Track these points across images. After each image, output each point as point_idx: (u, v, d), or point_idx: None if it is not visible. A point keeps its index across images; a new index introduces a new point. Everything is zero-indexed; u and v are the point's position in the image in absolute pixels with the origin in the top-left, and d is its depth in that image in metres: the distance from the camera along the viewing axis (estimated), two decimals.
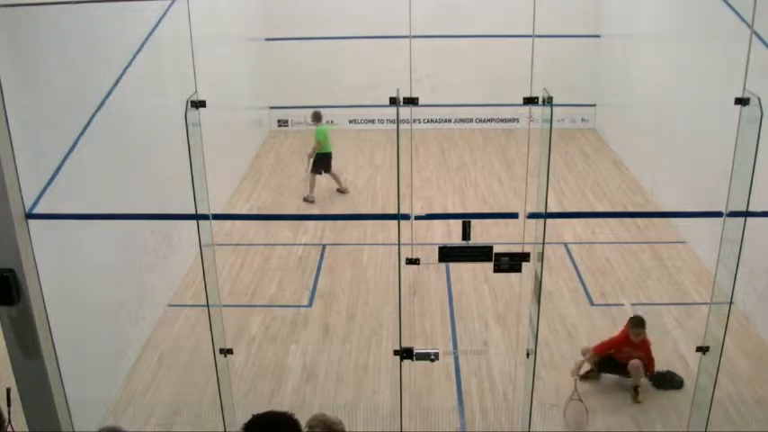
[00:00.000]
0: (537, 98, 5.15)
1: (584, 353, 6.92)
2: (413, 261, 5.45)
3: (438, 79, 13.65)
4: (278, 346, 7.70)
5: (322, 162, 11.48)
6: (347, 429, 5.05)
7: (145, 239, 7.85)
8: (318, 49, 14.18)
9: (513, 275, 5.75)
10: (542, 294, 5.69)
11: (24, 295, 5.18)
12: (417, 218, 5.88)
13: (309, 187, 11.43)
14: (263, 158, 13.49)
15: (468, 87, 14.36)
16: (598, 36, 14.04)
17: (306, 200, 11.36)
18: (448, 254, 5.42)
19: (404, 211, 5.44)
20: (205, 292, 5.43)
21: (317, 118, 11.64)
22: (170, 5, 8.13)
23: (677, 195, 9.85)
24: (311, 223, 10.50)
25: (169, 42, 8.09)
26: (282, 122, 15.02)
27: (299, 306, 8.49)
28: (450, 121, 14.88)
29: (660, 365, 7.10)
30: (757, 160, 4.86)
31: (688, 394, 6.29)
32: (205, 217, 5.33)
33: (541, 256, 5.37)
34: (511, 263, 5.29)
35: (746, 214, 5.08)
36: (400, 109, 5.05)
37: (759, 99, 4.79)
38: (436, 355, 5.55)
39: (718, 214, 5.28)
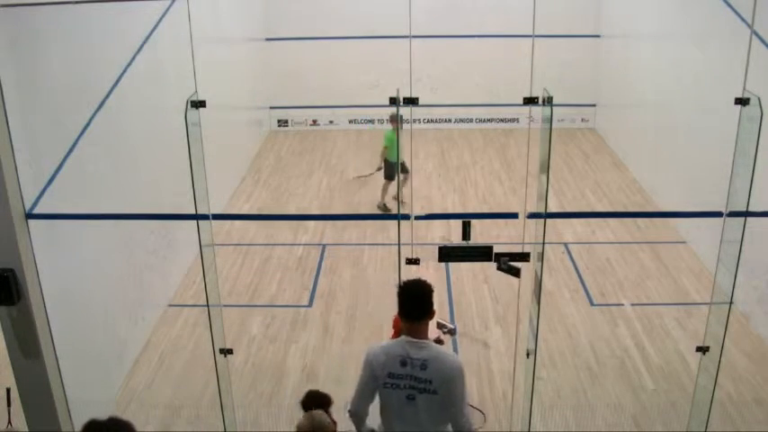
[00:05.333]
0: (537, 98, 5.15)
1: None
2: (413, 261, 5.45)
3: (438, 79, 13.66)
4: (278, 346, 7.70)
5: (386, 168, 10.75)
6: (348, 429, 5.06)
7: (145, 239, 7.85)
8: (318, 49, 14.17)
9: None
10: (542, 294, 5.69)
11: (24, 295, 5.17)
12: (417, 218, 5.88)
13: (381, 194, 10.94)
14: (263, 158, 13.49)
15: (468, 87, 14.36)
16: (598, 36, 14.05)
17: (379, 207, 10.90)
18: (448, 254, 5.43)
19: (404, 211, 5.44)
20: (205, 292, 5.43)
21: (391, 120, 10.62)
22: (170, 5, 8.13)
23: (677, 195, 9.85)
24: (311, 223, 10.50)
25: (169, 42, 8.09)
26: (282, 122, 15.03)
27: (299, 306, 8.49)
28: (450, 121, 14.88)
29: (660, 365, 7.10)
30: (757, 160, 4.86)
31: (688, 394, 6.29)
32: (205, 217, 5.33)
33: (541, 256, 5.37)
34: (513, 264, 5.29)
35: (746, 214, 5.08)
36: (400, 109, 5.05)
37: (759, 99, 4.79)
38: None
39: (718, 214, 5.28)
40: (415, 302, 3.91)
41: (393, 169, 10.60)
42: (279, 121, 15.01)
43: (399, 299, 3.96)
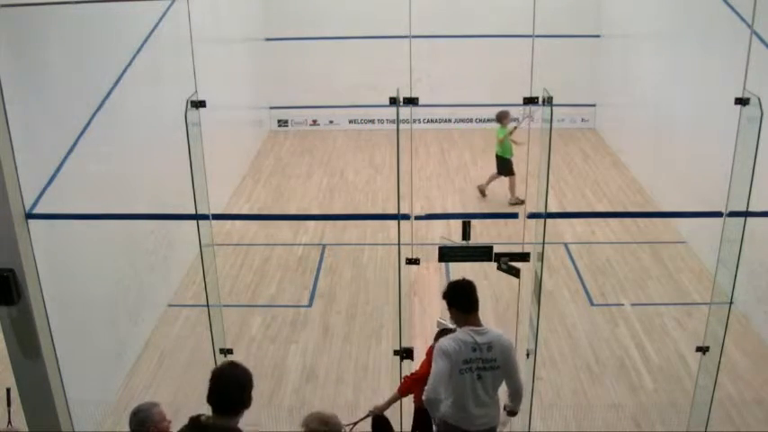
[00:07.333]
0: (537, 98, 5.15)
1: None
2: (413, 261, 5.45)
3: (438, 79, 13.65)
4: (278, 346, 7.70)
5: (504, 166, 11.22)
6: (347, 430, 5.04)
7: (145, 239, 7.85)
8: (318, 49, 14.17)
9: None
10: (542, 294, 5.69)
11: (24, 295, 5.18)
12: (417, 218, 5.88)
13: (510, 191, 11.30)
14: (263, 158, 13.49)
15: (468, 87, 14.35)
16: (598, 36, 14.04)
17: (510, 203, 11.16)
18: (448, 254, 5.42)
19: (404, 211, 5.44)
20: (205, 292, 5.43)
21: (501, 117, 11.23)
22: (170, 5, 8.13)
23: (677, 195, 9.85)
24: (311, 223, 10.50)
25: (169, 42, 8.09)
26: (282, 122, 15.02)
27: (299, 306, 8.48)
28: (450, 121, 14.88)
29: (660, 365, 7.10)
30: (757, 160, 4.87)
31: (688, 394, 6.29)
32: (205, 217, 5.33)
33: (541, 256, 5.37)
34: (513, 264, 5.30)
35: (746, 214, 5.08)
36: (400, 109, 5.05)
37: (759, 99, 4.79)
38: None
39: (718, 214, 5.28)
40: (469, 297, 4.69)
41: (508, 164, 11.12)
42: (279, 121, 15.01)
43: (454, 297, 4.70)
